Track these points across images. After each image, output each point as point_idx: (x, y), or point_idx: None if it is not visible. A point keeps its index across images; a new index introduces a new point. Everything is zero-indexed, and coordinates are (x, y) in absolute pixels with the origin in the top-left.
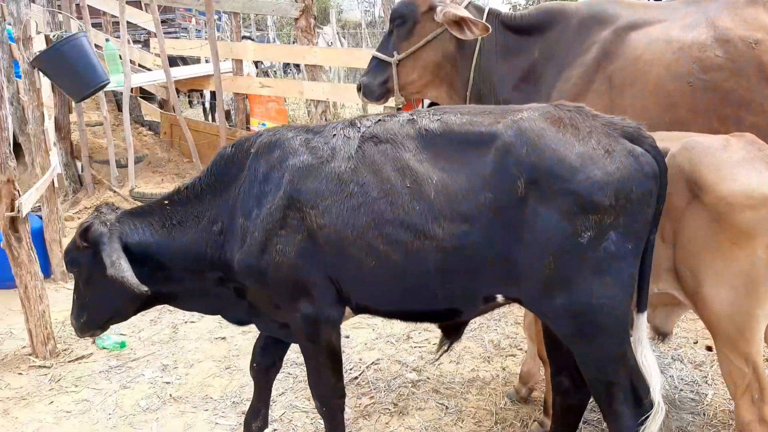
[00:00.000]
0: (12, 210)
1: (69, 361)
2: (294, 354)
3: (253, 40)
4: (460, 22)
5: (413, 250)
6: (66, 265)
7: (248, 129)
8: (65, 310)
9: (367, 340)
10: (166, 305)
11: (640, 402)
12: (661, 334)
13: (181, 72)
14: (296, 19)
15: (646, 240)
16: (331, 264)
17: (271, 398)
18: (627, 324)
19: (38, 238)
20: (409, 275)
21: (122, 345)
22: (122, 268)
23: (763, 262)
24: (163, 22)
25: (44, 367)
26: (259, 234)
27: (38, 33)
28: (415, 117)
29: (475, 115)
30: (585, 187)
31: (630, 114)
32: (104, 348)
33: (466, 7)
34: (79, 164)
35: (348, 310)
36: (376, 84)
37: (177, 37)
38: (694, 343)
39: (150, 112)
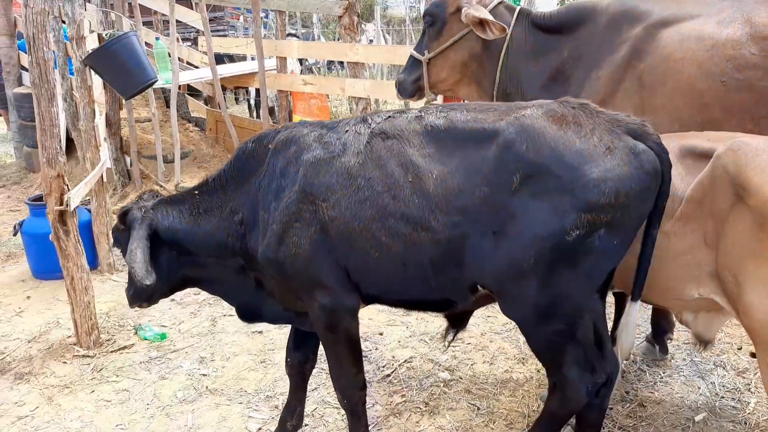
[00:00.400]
0: (61, 204)
1: (111, 351)
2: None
3: (298, 37)
4: (482, 23)
5: (412, 241)
6: (113, 244)
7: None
8: (110, 301)
9: (400, 337)
10: (206, 299)
11: (593, 370)
12: (702, 342)
13: (227, 69)
14: (340, 17)
15: (647, 234)
16: (342, 255)
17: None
18: (584, 311)
19: (87, 231)
20: (409, 265)
21: (163, 336)
22: (135, 258)
23: None
24: (212, 20)
25: (87, 356)
26: (277, 226)
27: (91, 32)
28: (422, 113)
29: (480, 112)
30: (582, 185)
31: (661, 114)
32: (145, 339)
33: (496, 7)
34: (128, 159)
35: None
36: (409, 81)
37: (225, 35)
38: (738, 349)
39: (196, 108)
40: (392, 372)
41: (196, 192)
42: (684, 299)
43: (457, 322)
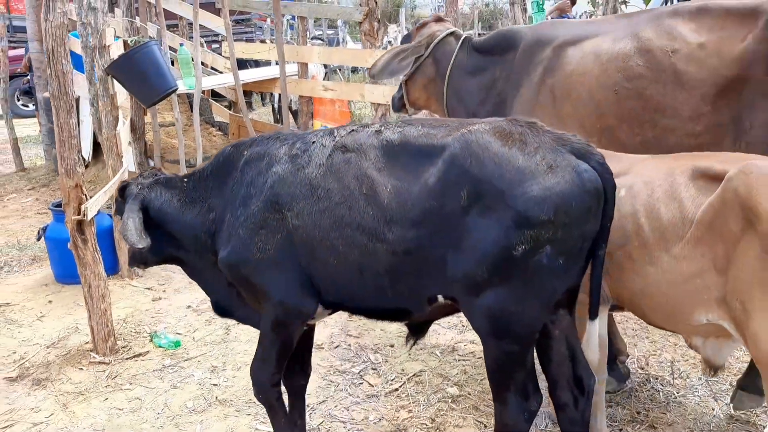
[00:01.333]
0: (79, 213)
1: (127, 359)
2: (338, 361)
3: (323, 40)
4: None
5: (367, 251)
6: (115, 213)
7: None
8: (128, 306)
9: (411, 350)
10: None
11: (528, 398)
12: (712, 367)
13: (249, 75)
14: (360, 23)
15: (594, 255)
16: (304, 261)
17: (312, 406)
18: (535, 331)
19: (108, 236)
20: (365, 275)
21: (177, 344)
22: (127, 227)
23: None
24: (239, 22)
25: (103, 363)
26: (243, 232)
27: (117, 38)
28: (382, 128)
29: (433, 128)
30: (523, 202)
31: (569, 123)
32: (160, 347)
33: (445, 37)
34: (151, 163)
35: (321, 308)
36: (396, 98)
37: (252, 37)
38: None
39: (220, 112)
40: (401, 386)
41: (186, 180)
42: (692, 324)
43: (418, 331)
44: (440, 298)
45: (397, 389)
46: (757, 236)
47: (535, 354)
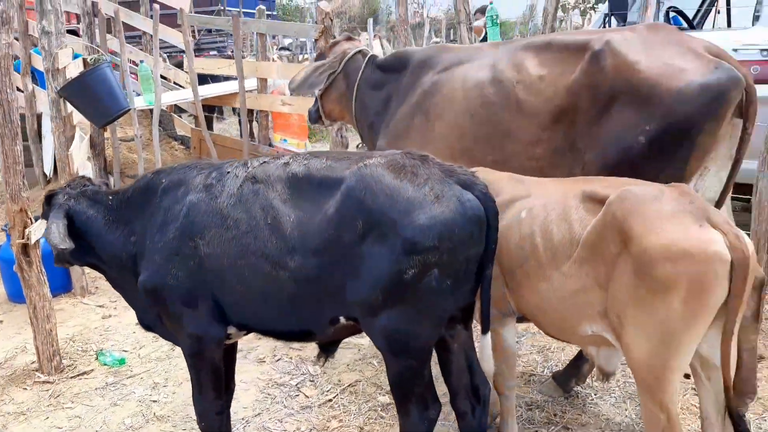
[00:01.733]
0: (23, 237)
1: (71, 377)
2: (278, 374)
3: (290, 50)
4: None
5: (271, 278)
6: (42, 217)
7: (270, 145)
8: (78, 325)
9: (350, 360)
10: None
11: (428, 407)
12: (604, 374)
13: (208, 90)
14: (316, 40)
15: (483, 276)
16: (216, 288)
17: (246, 419)
18: (429, 347)
19: None
20: (270, 300)
21: (122, 362)
22: (50, 231)
23: (679, 315)
24: (210, 32)
25: (48, 382)
26: (159, 258)
27: (77, 55)
28: (290, 161)
29: (335, 161)
30: (411, 230)
31: (439, 143)
32: (105, 364)
33: (354, 55)
34: (111, 179)
35: (234, 329)
36: (313, 111)
37: (224, 47)
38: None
39: (182, 127)
40: (335, 397)
41: (111, 198)
42: (580, 335)
43: (328, 349)
44: (342, 319)
45: (331, 400)
46: (631, 257)
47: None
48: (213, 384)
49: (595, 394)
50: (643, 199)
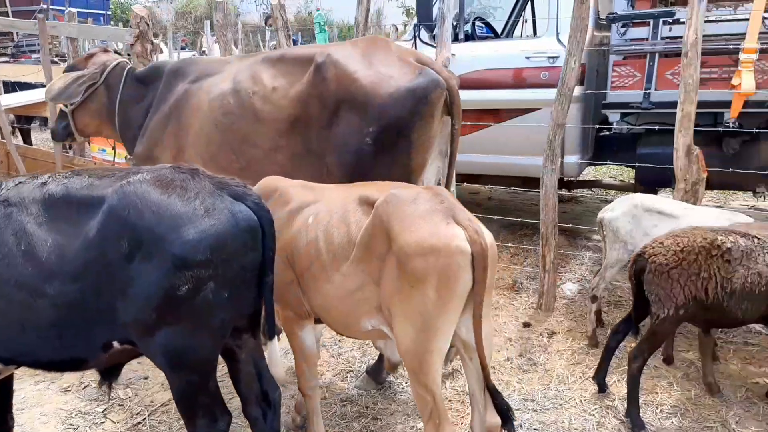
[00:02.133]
0: None
1: None
2: (83, 402)
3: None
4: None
5: (29, 307)
6: None
7: (85, 156)
8: None
9: (164, 380)
10: None
11: (216, 419)
12: (392, 365)
13: (14, 99)
14: (131, 45)
15: (263, 282)
16: None
17: None
18: (212, 360)
19: None
20: (29, 330)
21: None
22: None
23: (433, 303)
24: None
25: None
26: None
27: None
28: (48, 180)
29: (98, 178)
30: (180, 246)
31: (191, 150)
32: None
33: (114, 68)
34: None
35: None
36: (59, 129)
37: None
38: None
39: None
40: (143, 419)
41: None
42: (362, 331)
43: (110, 374)
44: (116, 344)
45: (139, 423)
46: (394, 255)
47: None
48: None
49: (406, 383)
50: (402, 201)
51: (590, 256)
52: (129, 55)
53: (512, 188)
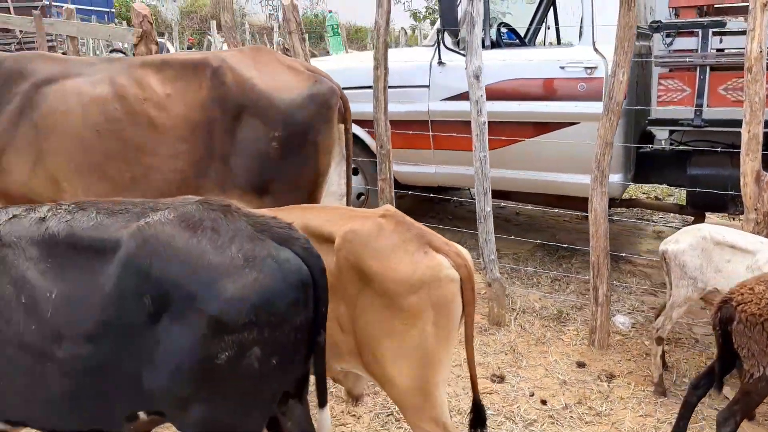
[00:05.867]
0: None
1: None
2: None
3: (124, 52)
4: None
5: (36, 373)
6: None
7: None
8: None
9: None
10: None
11: None
12: (354, 397)
13: None
14: (135, 45)
15: (314, 342)
16: None
17: None
18: None
19: None
20: (39, 397)
21: None
22: None
23: (434, 336)
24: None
25: None
26: None
27: None
28: (48, 215)
29: (108, 215)
30: (218, 305)
31: (58, 156)
32: None
33: None
34: None
35: (8, 426)
36: None
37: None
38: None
39: None
40: None
41: None
42: (332, 372)
43: None
44: (142, 414)
45: None
46: (376, 293)
47: None
48: None
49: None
50: (367, 237)
51: (637, 282)
52: (134, 54)
53: (541, 206)
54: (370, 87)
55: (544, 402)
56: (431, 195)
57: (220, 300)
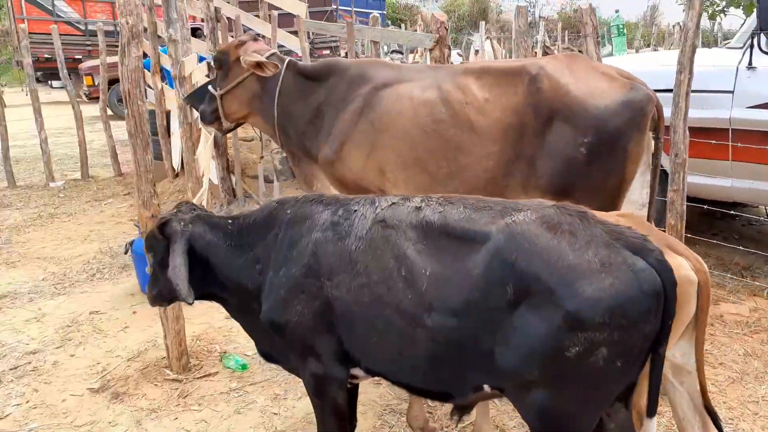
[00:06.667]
0: None
1: (198, 378)
2: (395, 400)
3: (401, 53)
4: (259, 65)
5: (406, 334)
6: (145, 248)
7: None
8: (203, 323)
9: None
10: None
11: None
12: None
13: None
14: (430, 49)
15: (655, 353)
16: (344, 332)
17: None
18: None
19: None
20: (404, 355)
21: (244, 367)
22: (179, 275)
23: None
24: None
25: (177, 380)
26: (284, 292)
27: (202, 59)
28: (422, 205)
29: (475, 211)
30: (575, 303)
31: (389, 150)
32: (228, 368)
33: (269, 57)
34: (233, 178)
35: (363, 373)
36: (208, 112)
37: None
38: None
39: None
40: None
41: (230, 222)
42: None
43: (464, 409)
44: (486, 388)
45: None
46: None
47: None
48: (336, 423)
49: None
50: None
51: None
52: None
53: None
54: (665, 90)
55: None
56: (715, 209)
57: (579, 299)
